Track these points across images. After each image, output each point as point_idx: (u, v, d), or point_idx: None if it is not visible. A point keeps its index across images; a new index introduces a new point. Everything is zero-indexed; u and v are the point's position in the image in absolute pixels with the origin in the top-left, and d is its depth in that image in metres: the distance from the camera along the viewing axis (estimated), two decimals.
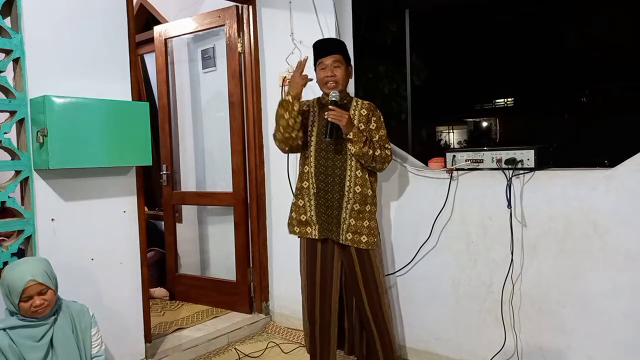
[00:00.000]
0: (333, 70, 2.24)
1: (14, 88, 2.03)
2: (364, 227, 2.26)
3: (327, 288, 2.33)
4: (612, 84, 10.85)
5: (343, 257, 2.33)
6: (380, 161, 2.24)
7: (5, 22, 2.01)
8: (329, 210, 2.29)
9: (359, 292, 2.31)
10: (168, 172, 3.60)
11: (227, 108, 3.25)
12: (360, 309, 2.35)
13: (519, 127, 15.16)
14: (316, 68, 2.32)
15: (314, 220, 2.31)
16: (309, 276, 2.36)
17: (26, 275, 1.75)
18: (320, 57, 2.28)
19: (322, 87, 2.31)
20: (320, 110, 2.33)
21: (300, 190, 2.35)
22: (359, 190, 2.25)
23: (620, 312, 2.03)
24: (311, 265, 2.35)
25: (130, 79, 2.42)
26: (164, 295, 3.63)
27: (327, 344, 2.37)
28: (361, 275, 2.29)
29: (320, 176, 2.29)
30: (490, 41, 11.60)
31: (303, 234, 2.35)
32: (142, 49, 3.99)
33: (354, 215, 2.26)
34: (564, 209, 2.15)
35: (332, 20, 2.80)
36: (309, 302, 2.38)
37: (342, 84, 2.27)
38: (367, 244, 2.25)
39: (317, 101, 2.39)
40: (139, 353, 2.49)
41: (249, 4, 3.14)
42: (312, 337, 2.41)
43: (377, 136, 2.29)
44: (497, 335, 2.35)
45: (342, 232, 2.27)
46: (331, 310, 2.35)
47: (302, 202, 2.34)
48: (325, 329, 2.36)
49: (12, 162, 2.04)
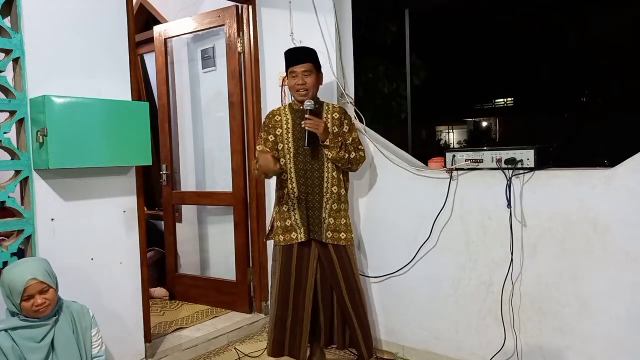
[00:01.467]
0: (304, 79, 2.37)
1: (14, 88, 2.03)
2: (342, 225, 2.41)
3: (302, 286, 2.43)
4: (612, 84, 10.85)
5: (322, 255, 2.44)
6: (356, 163, 2.43)
7: (5, 22, 2.01)
8: (310, 211, 2.42)
9: (340, 286, 2.43)
10: (168, 172, 3.60)
11: (227, 108, 3.25)
12: (341, 303, 2.45)
13: (519, 127, 15.17)
14: (287, 76, 2.44)
15: (298, 223, 2.40)
16: (283, 277, 2.43)
17: (27, 274, 1.75)
18: (291, 66, 2.40)
19: (293, 94, 2.44)
20: (294, 117, 2.44)
21: (282, 197, 2.44)
22: (335, 191, 2.42)
23: (620, 312, 2.03)
24: (286, 266, 2.43)
25: (130, 79, 2.42)
26: (164, 295, 3.63)
27: (300, 337, 2.44)
28: (341, 270, 2.42)
29: (301, 180, 2.41)
30: (490, 41, 11.61)
31: (288, 241, 2.42)
32: (142, 49, 3.99)
33: (332, 215, 2.40)
34: (564, 209, 2.15)
35: (332, 20, 2.80)
36: (281, 301, 2.43)
37: (313, 92, 2.41)
38: (346, 241, 2.41)
39: (289, 107, 2.49)
40: (139, 353, 2.49)
41: (249, 4, 3.14)
42: (281, 332, 2.45)
43: (351, 139, 2.45)
44: (497, 335, 2.35)
45: (323, 231, 2.40)
46: (304, 306, 2.43)
47: (287, 207, 2.43)
48: (299, 322, 2.43)
49: (12, 162, 2.04)
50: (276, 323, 2.46)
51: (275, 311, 2.46)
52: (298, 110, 2.43)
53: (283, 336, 2.46)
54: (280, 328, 2.45)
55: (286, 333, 2.45)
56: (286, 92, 3.00)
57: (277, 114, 2.49)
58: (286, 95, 3.01)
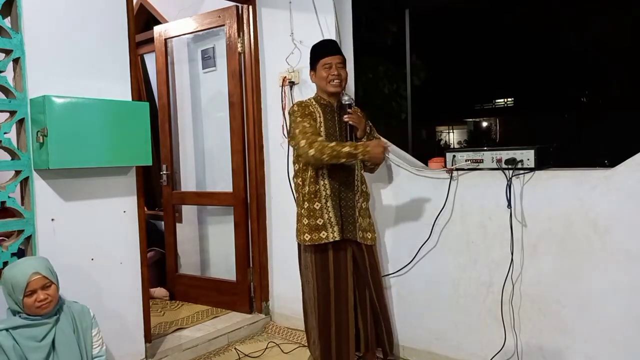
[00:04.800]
0: (338, 70, 2.30)
1: (14, 88, 2.03)
2: (369, 224, 2.39)
3: (342, 291, 2.31)
4: (612, 84, 10.86)
5: (357, 255, 2.37)
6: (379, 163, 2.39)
7: (5, 22, 2.01)
8: (344, 209, 2.32)
9: (370, 285, 2.40)
10: (168, 172, 3.60)
11: (227, 108, 3.25)
12: (372, 302, 2.41)
13: (519, 127, 15.18)
14: (316, 67, 2.33)
15: (332, 221, 2.27)
16: (319, 283, 2.30)
17: (29, 269, 1.76)
18: (325, 56, 2.30)
19: (324, 86, 2.32)
20: (325, 112, 2.33)
21: (314, 193, 2.29)
22: (364, 189, 2.41)
23: (620, 312, 2.03)
24: (322, 271, 2.30)
25: (130, 79, 2.41)
26: (164, 295, 3.63)
27: (347, 346, 2.32)
28: (370, 269, 2.39)
29: (334, 176, 2.29)
30: (490, 41, 11.62)
31: (316, 240, 2.26)
32: (142, 49, 3.99)
33: (362, 213, 2.37)
34: (564, 209, 2.15)
35: (332, 21, 2.80)
36: (322, 309, 2.30)
37: (344, 86, 2.34)
38: (372, 240, 2.39)
39: (316, 102, 2.37)
40: (138, 353, 2.49)
41: (249, 4, 3.14)
42: (327, 344, 2.32)
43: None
44: (497, 335, 2.35)
45: (357, 230, 2.34)
46: (348, 313, 2.32)
47: (319, 205, 2.29)
48: (343, 331, 2.32)
49: (12, 162, 2.04)
50: (320, 335, 2.32)
51: (317, 321, 2.33)
52: (327, 106, 2.35)
53: (329, 345, 2.32)
54: (326, 340, 2.32)
55: (331, 342, 2.31)
56: (286, 92, 3.01)
57: (309, 104, 2.34)
58: (286, 95, 3.01)
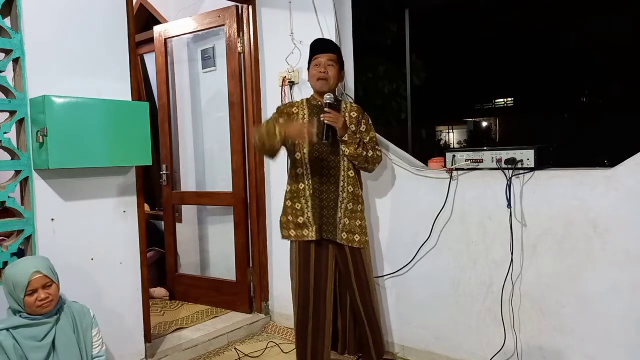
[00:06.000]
0: (326, 68, 2.31)
1: (14, 88, 2.03)
2: (357, 227, 2.34)
3: (322, 289, 2.37)
4: (612, 84, 10.85)
5: (338, 256, 2.38)
6: (373, 162, 2.36)
7: (5, 22, 2.01)
8: (325, 210, 2.34)
9: (352, 288, 2.39)
10: (168, 172, 3.60)
11: (227, 108, 3.25)
12: (353, 305, 2.42)
13: (519, 127, 15.18)
14: (310, 66, 2.37)
15: (311, 221, 2.34)
16: (301, 279, 2.37)
17: (31, 268, 1.77)
18: (316, 54, 2.33)
19: (312, 84, 2.36)
20: (311, 112, 2.37)
21: (296, 192, 2.37)
22: (351, 190, 2.34)
23: (620, 312, 2.03)
24: (304, 269, 2.37)
25: (130, 79, 2.41)
26: (164, 295, 3.63)
27: (322, 344, 2.38)
28: (354, 272, 2.38)
29: (316, 177, 2.32)
30: (490, 41, 11.61)
31: (299, 237, 2.36)
32: (142, 49, 4.00)
33: (347, 215, 2.33)
34: (564, 209, 2.15)
35: (332, 21, 2.80)
36: (301, 305, 2.38)
37: (332, 84, 2.33)
38: (360, 243, 2.34)
39: (307, 102, 2.42)
40: (139, 353, 2.49)
41: (249, 4, 3.14)
42: (303, 339, 2.40)
43: (368, 138, 2.39)
44: (497, 335, 2.35)
45: (339, 231, 2.33)
46: (326, 311, 2.37)
47: (300, 205, 2.36)
48: (320, 329, 2.37)
49: (12, 162, 2.04)
50: (297, 330, 2.40)
51: (296, 317, 2.40)
52: (316, 106, 2.36)
53: (305, 343, 2.39)
54: (302, 334, 2.39)
55: (308, 339, 2.38)
56: (286, 92, 3.01)
57: (295, 106, 2.42)
58: (286, 95, 3.01)
